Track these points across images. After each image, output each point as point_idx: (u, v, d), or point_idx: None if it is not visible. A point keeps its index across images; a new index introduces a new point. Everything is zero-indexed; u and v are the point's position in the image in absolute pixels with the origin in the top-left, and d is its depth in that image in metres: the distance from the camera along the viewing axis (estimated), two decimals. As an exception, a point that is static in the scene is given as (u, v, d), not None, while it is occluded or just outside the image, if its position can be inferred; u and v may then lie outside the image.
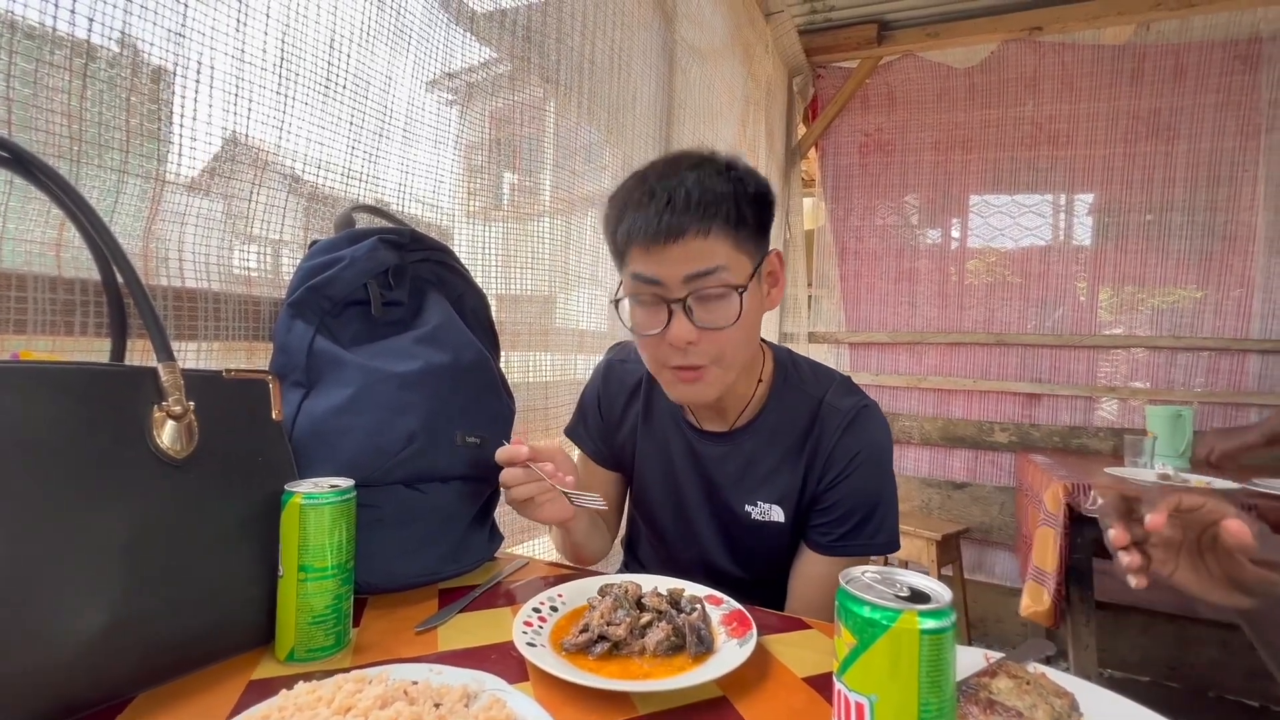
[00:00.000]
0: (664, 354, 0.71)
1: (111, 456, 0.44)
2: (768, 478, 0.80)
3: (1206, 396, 2.21)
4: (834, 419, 0.77)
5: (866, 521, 0.76)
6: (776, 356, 0.85)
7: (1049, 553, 1.54)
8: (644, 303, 0.70)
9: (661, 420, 0.87)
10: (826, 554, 0.77)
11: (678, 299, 0.67)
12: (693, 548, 0.86)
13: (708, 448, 0.83)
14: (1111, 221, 2.36)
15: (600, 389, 0.92)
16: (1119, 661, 2.17)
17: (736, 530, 0.83)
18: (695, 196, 0.65)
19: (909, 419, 2.62)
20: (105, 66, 0.59)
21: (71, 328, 0.57)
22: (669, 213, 0.65)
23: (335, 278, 0.68)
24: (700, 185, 0.66)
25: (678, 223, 0.65)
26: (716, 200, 0.66)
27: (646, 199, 0.67)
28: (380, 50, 0.88)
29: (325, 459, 0.61)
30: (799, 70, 2.68)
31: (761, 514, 0.80)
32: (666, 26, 1.64)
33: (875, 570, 0.36)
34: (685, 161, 0.70)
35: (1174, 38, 2.24)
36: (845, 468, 0.76)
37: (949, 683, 0.32)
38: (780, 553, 0.83)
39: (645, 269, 0.68)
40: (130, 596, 0.43)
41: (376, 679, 0.43)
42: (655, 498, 0.88)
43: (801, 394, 0.81)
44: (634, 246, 0.68)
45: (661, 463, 0.87)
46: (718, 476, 0.82)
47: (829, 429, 0.77)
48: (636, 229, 0.67)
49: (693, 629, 0.54)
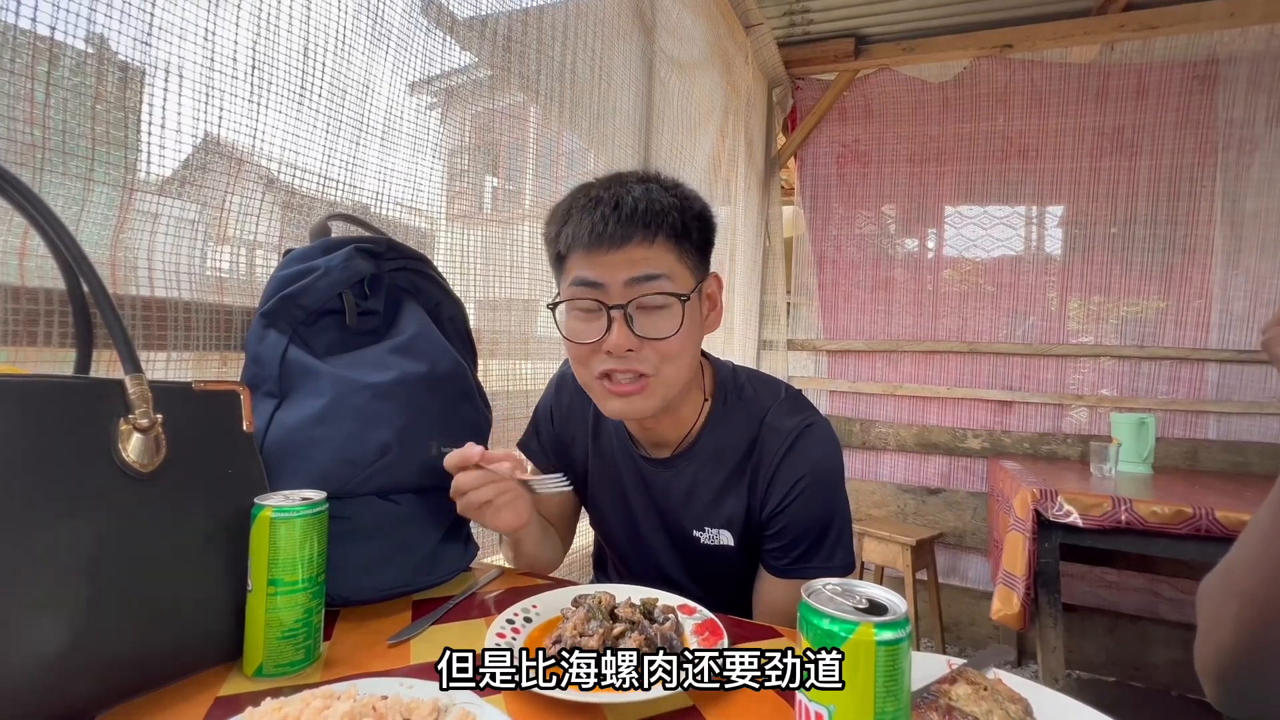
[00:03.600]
0: (598, 362, 0.68)
1: (74, 470, 0.43)
2: (713, 503, 0.77)
3: (1168, 404, 2.29)
4: (774, 441, 0.74)
5: (819, 544, 0.73)
6: (718, 374, 0.82)
7: (1018, 557, 1.58)
8: (583, 309, 0.68)
9: (609, 442, 0.84)
10: (783, 577, 0.75)
11: (619, 304, 0.65)
12: (652, 569, 0.84)
13: (653, 473, 0.80)
14: (1079, 233, 2.44)
15: (553, 400, 0.89)
16: (1085, 662, 2.23)
17: (691, 554, 0.81)
18: (642, 206, 0.65)
19: (885, 426, 2.67)
20: (69, 73, 0.59)
21: (35, 338, 0.56)
22: (615, 218, 0.64)
23: (309, 287, 0.67)
24: (647, 196, 0.66)
25: (623, 229, 0.64)
26: (663, 210, 0.66)
27: (592, 205, 0.66)
28: (358, 54, 0.88)
29: (297, 471, 0.61)
30: (778, 81, 2.72)
31: (711, 539, 0.78)
32: (646, 38, 1.66)
33: (836, 582, 0.37)
34: (631, 177, 0.70)
35: (1137, 58, 2.33)
36: (789, 493, 0.72)
37: (904, 691, 0.33)
38: (737, 574, 0.81)
39: (587, 272, 0.66)
40: (92, 613, 0.43)
41: (345, 694, 0.43)
42: (611, 521, 0.86)
43: (742, 414, 0.78)
44: (576, 251, 0.67)
45: (613, 486, 0.84)
46: (665, 502, 0.80)
47: (769, 452, 0.74)
48: (581, 233, 0.66)
49: (665, 639, 0.55)
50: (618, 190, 0.67)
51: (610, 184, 0.69)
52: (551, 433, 0.88)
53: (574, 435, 0.86)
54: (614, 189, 0.67)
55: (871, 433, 2.68)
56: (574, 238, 0.66)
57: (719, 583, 0.82)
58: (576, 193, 0.71)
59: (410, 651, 0.57)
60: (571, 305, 0.69)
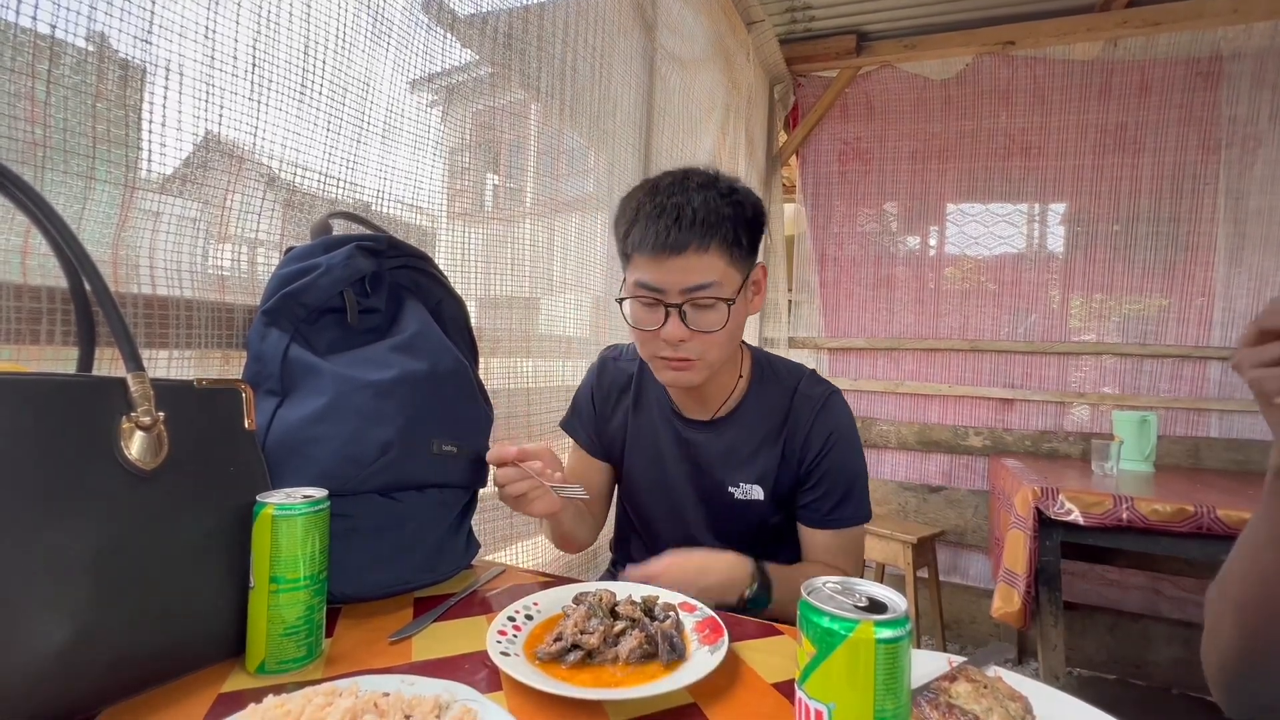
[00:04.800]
0: (657, 346, 0.80)
1: (77, 469, 0.44)
2: (748, 460, 0.89)
3: (1170, 402, 2.28)
4: (807, 405, 0.88)
5: (850, 494, 0.86)
6: (754, 355, 0.96)
7: (1019, 555, 1.58)
8: (644, 303, 0.80)
9: (650, 411, 0.96)
10: (822, 527, 0.87)
11: (674, 304, 0.76)
12: (679, 528, 0.93)
13: (693, 434, 0.92)
14: (1081, 231, 2.43)
15: (594, 383, 1.01)
16: (1086, 660, 2.23)
17: (720, 509, 0.90)
18: (700, 216, 0.74)
19: (886, 424, 2.67)
20: (70, 71, 0.59)
21: (38, 336, 0.56)
22: (676, 229, 0.74)
23: (311, 285, 0.67)
24: (705, 205, 0.75)
25: (682, 239, 0.74)
26: (718, 221, 0.75)
27: (656, 213, 0.75)
28: (358, 51, 0.88)
29: (299, 469, 0.61)
30: (780, 79, 2.71)
31: (744, 494, 0.89)
32: (647, 35, 1.66)
33: (836, 581, 0.37)
34: (694, 179, 0.78)
35: (1140, 55, 2.31)
36: (824, 446, 0.86)
37: (904, 689, 0.33)
38: (758, 529, 0.90)
39: (649, 277, 0.77)
40: (96, 610, 0.43)
41: (347, 691, 0.43)
42: (644, 483, 0.96)
43: (775, 386, 0.91)
44: (641, 255, 0.77)
45: (651, 449, 0.95)
46: (702, 460, 0.91)
47: (804, 414, 0.88)
48: (645, 240, 0.75)
49: (665, 637, 0.55)
50: (680, 199, 0.75)
51: (674, 189, 0.77)
52: (591, 412, 1.00)
53: (614, 412, 0.99)
54: (677, 196, 0.76)
55: (873, 430, 2.67)
56: (639, 244, 0.76)
57: (735, 537, 0.88)
58: (645, 194, 0.79)
59: (412, 648, 0.57)
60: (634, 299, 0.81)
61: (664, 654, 0.53)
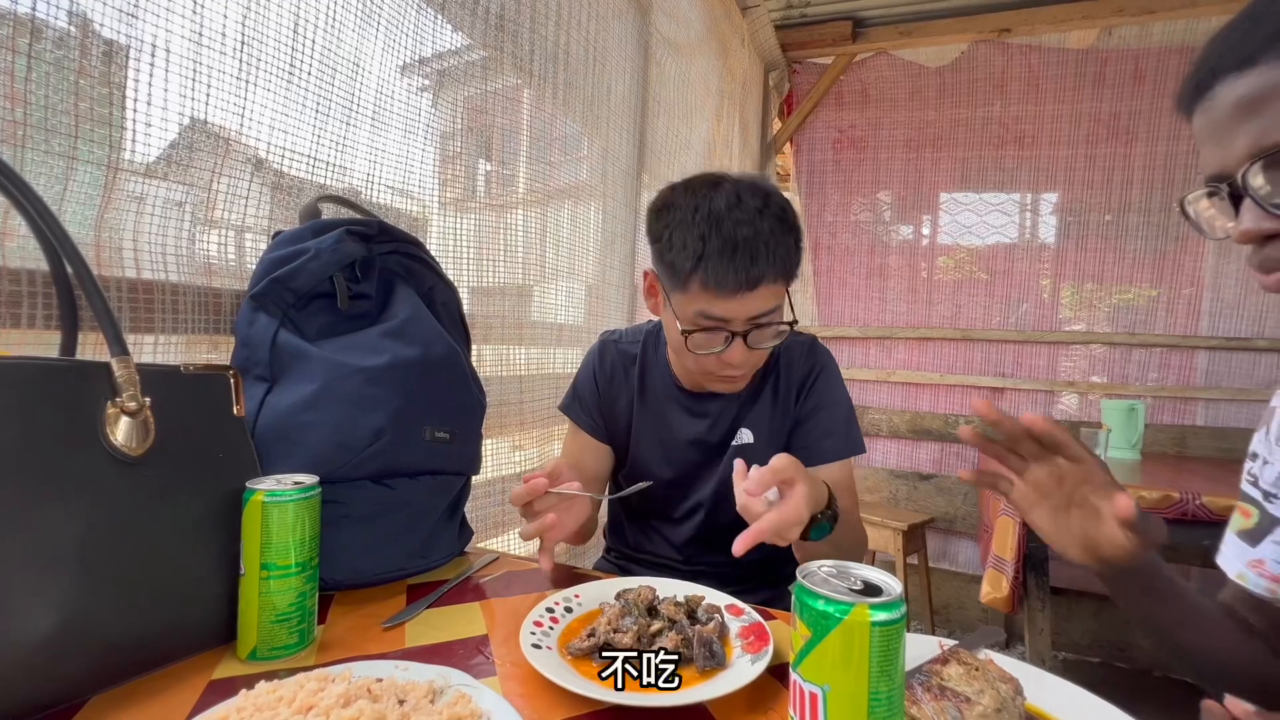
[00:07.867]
0: (716, 366, 0.82)
1: (62, 454, 0.43)
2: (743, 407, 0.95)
3: (1158, 391, 2.31)
4: (795, 349, 0.96)
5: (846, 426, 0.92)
6: None
7: (1008, 541, 1.59)
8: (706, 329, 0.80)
9: (656, 394, 0.98)
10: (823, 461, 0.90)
11: (741, 332, 0.79)
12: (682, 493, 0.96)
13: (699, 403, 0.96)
14: (1073, 221, 2.43)
15: (596, 365, 1.01)
16: (1072, 644, 2.27)
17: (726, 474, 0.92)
18: (773, 252, 0.75)
19: (878, 412, 2.68)
20: (51, 47, 0.57)
21: (18, 320, 0.55)
22: (753, 267, 0.74)
23: (300, 270, 0.66)
24: (773, 237, 0.75)
25: (756, 275, 0.74)
26: (786, 256, 0.77)
27: (730, 250, 0.74)
28: (348, 32, 0.86)
29: (289, 455, 0.60)
30: (775, 65, 2.69)
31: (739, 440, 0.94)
32: (642, 19, 1.63)
33: (831, 564, 0.37)
34: (749, 201, 0.76)
35: (1134, 43, 2.31)
36: (812, 379, 0.94)
37: (898, 671, 0.34)
38: None
39: (719, 310, 0.77)
40: (82, 597, 0.42)
41: (339, 677, 0.43)
42: (651, 457, 0.98)
43: None
44: (707, 290, 0.76)
45: (658, 429, 0.97)
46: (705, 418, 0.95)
47: (795, 358, 0.95)
48: (723, 281, 0.74)
49: (704, 642, 0.52)
50: (748, 232, 0.74)
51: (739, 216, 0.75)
52: (595, 394, 1.00)
53: (619, 393, 1.00)
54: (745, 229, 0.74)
55: (865, 419, 2.69)
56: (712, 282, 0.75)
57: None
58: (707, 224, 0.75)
59: (405, 635, 0.57)
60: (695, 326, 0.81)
61: (700, 659, 0.51)
